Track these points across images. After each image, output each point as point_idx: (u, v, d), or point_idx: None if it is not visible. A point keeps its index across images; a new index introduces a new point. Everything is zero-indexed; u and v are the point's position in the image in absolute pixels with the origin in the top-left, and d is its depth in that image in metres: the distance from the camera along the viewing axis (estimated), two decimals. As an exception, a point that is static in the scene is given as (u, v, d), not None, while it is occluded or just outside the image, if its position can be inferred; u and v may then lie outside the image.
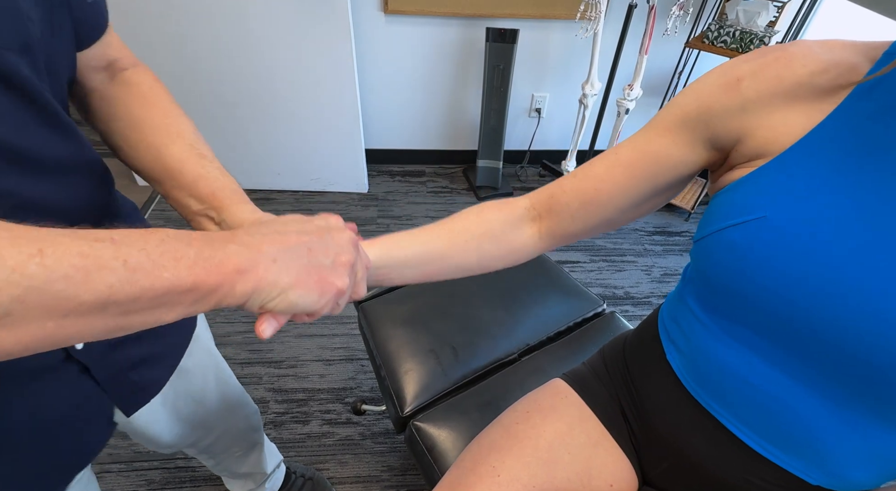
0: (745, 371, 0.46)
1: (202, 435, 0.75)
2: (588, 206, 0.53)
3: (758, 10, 1.62)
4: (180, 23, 1.56)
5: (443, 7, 1.77)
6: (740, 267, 0.42)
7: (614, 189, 0.51)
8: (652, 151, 0.49)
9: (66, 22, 0.41)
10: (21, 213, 0.31)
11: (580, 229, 0.55)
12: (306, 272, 0.36)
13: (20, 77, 0.35)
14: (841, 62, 0.39)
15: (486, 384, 0.84)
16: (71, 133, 0.41)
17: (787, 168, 0.41)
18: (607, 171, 0.52)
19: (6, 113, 0.34)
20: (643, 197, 0.51)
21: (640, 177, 0.50)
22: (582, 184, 0.53)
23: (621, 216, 0.54)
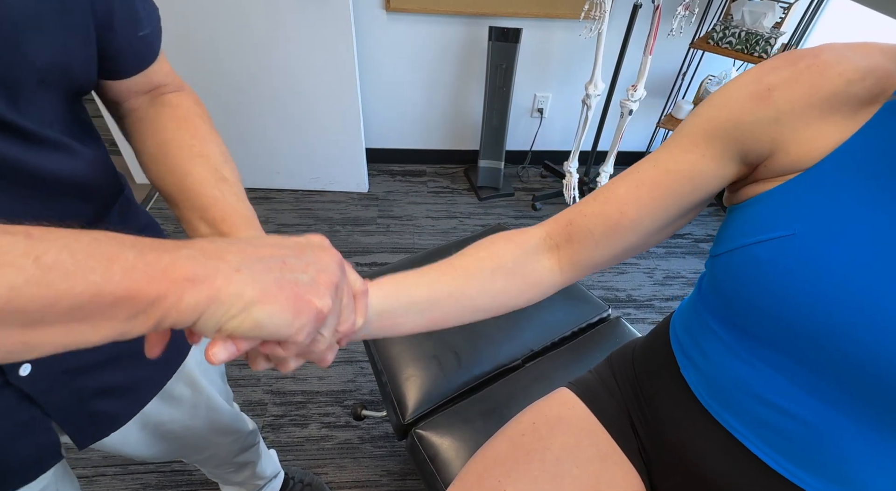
0: (768, 391, 0.44)
1: (189, 453, 0.74)
2: (613, 231, 0.48)
3: (763, 11, 1.60)
4: (181, 20, 1.53)
5: (445, 5, 1.75)
6: (766, 285, 0.40)
7: (640, 211, 0.46)
8: (679, 169, 0.45)
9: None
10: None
11: (604, 258, 0.50)
12: (277, 286, 0.29)
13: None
14: (877, 69, 0.37)
15: (490, 391, 0.82)
16: (52, 150, 0.38)
17: (817, 183, 0.38)
18: (631, 192, 0.47)
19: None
20: (669, 219, 0.47)
21: (667, 196, 0.46)
22: (604, 207, 0.48)
23: (645, 241, 0.49)
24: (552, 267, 0.51)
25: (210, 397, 0.70)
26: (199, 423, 0.69)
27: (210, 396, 0.70)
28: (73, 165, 0.41)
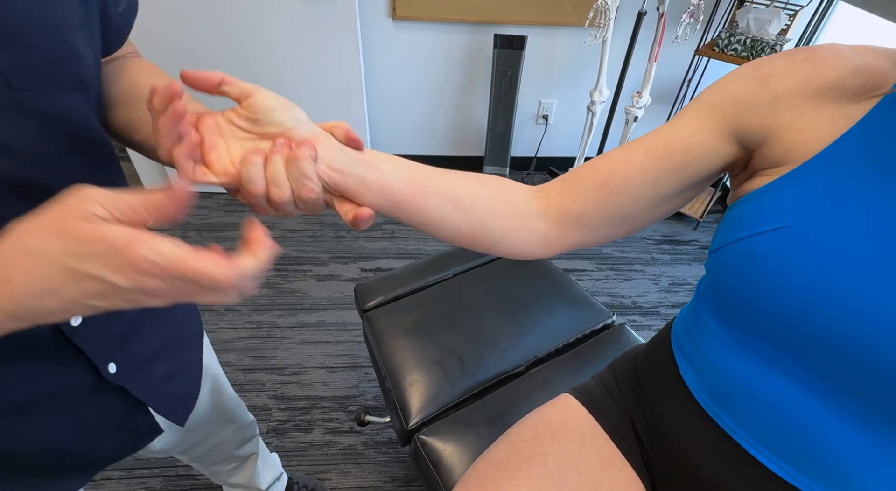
0: (764, 388, 0.44)
1: (193, 444, 0.74)
2: (603, 187, 0.47)
3: (769, 18, 1.60)
4: (190, 27, 1.56)
5: (451, 13, 1.76)
6: (760, 278, 0.40)
7: (631, 170, 0.46)
8: (676, 137, 0.45)
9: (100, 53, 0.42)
10: None
11: (592, 216, 0.48)
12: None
13: (75, 117, 0.36)
14: (872, 68, 0.38)
15: (493, 397, 0.82)
16: (116, 171, 0.42)
17: (811, 177, 0.39)
18: (625, 153, 0.47)
19: (62, 157, 0.35)
20: (663, 189, 0.46)
21: (661, 162, 0.45)
22: (597, 164, 0.48)
23: (640, 211, 0.48)
24: (538, 211, 0.49)
25: (217, 377, 0.74)
26: (203, 406, 0.70)
27: (217, 375, 0.74)
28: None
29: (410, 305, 0.98)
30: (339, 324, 1.57)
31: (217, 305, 1.57)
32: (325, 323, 1.57)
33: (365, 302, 1.01)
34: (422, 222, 0.45)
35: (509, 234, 0.48)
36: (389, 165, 0.43)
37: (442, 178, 0.45)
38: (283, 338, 1.51)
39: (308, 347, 1.49)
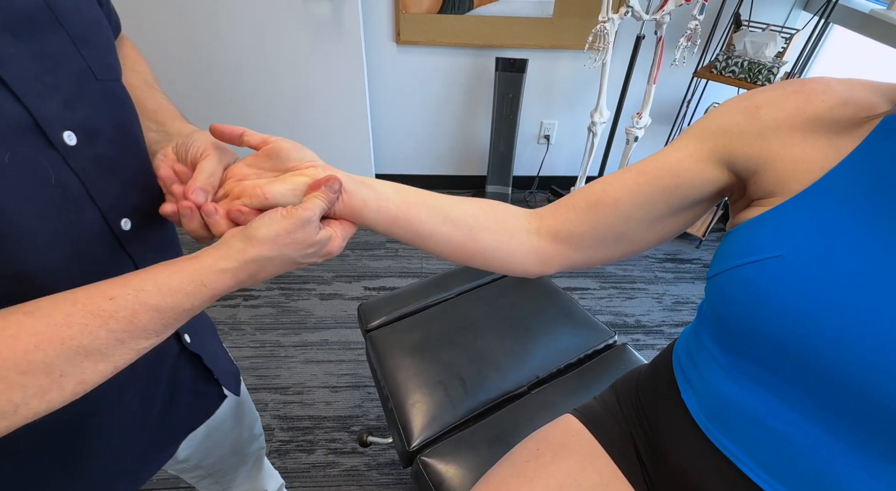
0: (763, 413, 0.44)
1: (214, 444, 0.74)
2: (594, 207, 0.50)
3: (765, 42, 1.63)
4: (198, 51, 1.61)
5: (453, 37, 1.81)
6: (755, 305, 0.41)
7: (622, 191, 0.48)
8: (666, 161, 0.47)
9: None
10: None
11: (584, 235, 0.50)
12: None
13: (128, 101, 0.43)
14: (860, 100, 0.39)
15: (496, 418, 0.82)
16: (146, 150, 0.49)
17: (805, 207, 0.40)
18: (617, 175, 0.50)
19: (119, 131, 0.42)
20: (655, 211, 0.48)
21: (651, 185, 0.47)
22: (589, 187, 0.51)
23: (633, 231, 0.50)
24: (530, 228, 0.52)
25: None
26: (227, 401, 0.72)
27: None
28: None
29: (413, 324, 0.99)
30: (343, 343, 1.57)
31: (229, 319, 1.58)
32: (328, 342, 1.57)
33: (368, 322, 1.02)
34: (416, 236, 0.49)
35: (501, 248, 0.51)
36: (384, 186, 0.48)
37: (431, 196, 0.50)
38: (286, 357, 1.51)
39: (311, 366, 1.49)
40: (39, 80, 0.34)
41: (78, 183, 0.37)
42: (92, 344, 0.32)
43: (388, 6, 1.74)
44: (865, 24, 1.53)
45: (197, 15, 1.54)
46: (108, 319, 0.32)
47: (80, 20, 0.38)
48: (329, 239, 0.43)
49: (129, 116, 0.43)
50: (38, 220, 0.34)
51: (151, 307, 0.34)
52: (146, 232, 0.46)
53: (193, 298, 0.36)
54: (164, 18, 1.54)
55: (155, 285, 0.35)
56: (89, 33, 0.38)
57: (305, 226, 0.40)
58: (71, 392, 0.32)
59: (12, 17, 0.32)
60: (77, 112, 0.37)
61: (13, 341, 0.29)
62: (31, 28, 0.34)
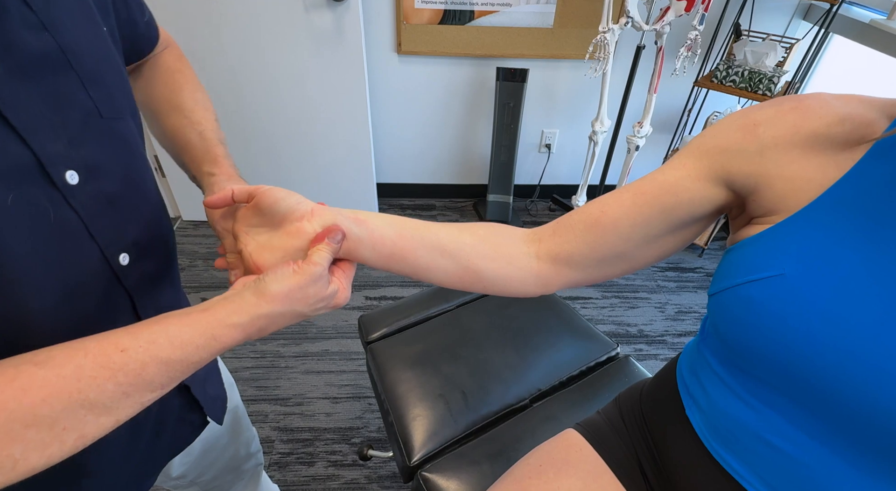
0: (768, 432, 0.44)
1: (209, 463, 0.74)
2: (593, 228, 0.49)
3: (766, 51, 1.64)
4: (200, 60, 1.62)
5: (454, 48, 1.82)
6: (757, 323, 0.41)
7: (620, 211, 0.48)
8: (664, 181, 0.47)
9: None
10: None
11: (583, 256, 0.50)
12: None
13: (134, 138, 0.43)
14: (858, 116, 0.39)
15: (497, 432, 0.81)
16: (155, 184, 0.49)
17: (805, 225, 0.40)
18: (615, 196, 0.50)
19: (135, 173, 0.43)
20: (655, 230, 0.48)
21: (649, 205, 0.47)
22: (588, 208, 0.51)
23: (632, 250, 0.50)
24: (528, 252, 0.52)
25: (231, 385, 0.75)
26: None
27: (231, 384, 0.75)
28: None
29: (414, 336, 0.98)
30: (343, 353, 1.56)
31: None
32: (328, 352, 1.56)
33: (368, 333, 1.01)
34: (414, 271, 0.50)
35: (500, 275, 0.51)
36: (378, 221, 0.48)
37: (427, 229, 0.50)
38: (286, 368, 1.51)
39: (312, 376, 1.48)
40: (46, 120, 0.35)
41: (77, 220, 0.37)
42: (98, 397, 0.31)
43: (390, 17, 1.75)
44: (866, 33, 1.53)
45: (199, 25, 1.55)
46: (118, 371, 0.32)
47: (91, 60, 0.39)
48: (336, 292, 0.44)
49: (133, 152, 0.44)
50: (35, 258, 0.34)
51: (161, 360, 0.34)
52: (144, 266, 0.46)
53: (203, 351, 0.36)
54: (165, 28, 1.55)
55: (167, 338, 0.34)
56: (98, 73, 0.39)
57: (317, 281, 0.41)
58: (71, 447, 0.31)
59: (26, 60, 0.33)
60: (81, 150, 0.38)
61: (22, 394, 0.29)
62: (42, 70, 0.34)
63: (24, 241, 0.33)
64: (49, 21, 0.35)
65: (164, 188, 2.03)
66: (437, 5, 1.72)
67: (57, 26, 0.36)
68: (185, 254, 1.90)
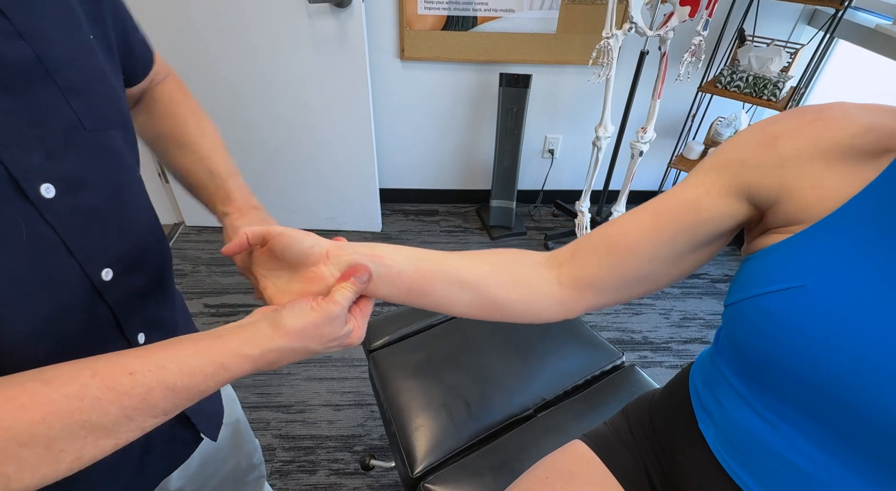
0: (784, 448, 0.43)
1: (208, 476, 0.73)
2: (614, 251, 0.48)
3: (770, 57, 1.63)
4: (203, 67, 1.62)
5: (457, 54, 1.82)
6: (777, 336, 0.40)
7: (642, 234, 0.47)
8: (685, 200, 0.46)
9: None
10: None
11: (606, 279, 0.49)
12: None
13: (121, 150, 0.42)
14: (882, 126, 0.38)
15: (501, 443, 0.80)
16: (145, 196, 0.48)
17: (826, 236, 0.39)
18: (636, 217, 0.49)
19: (107, 180, 0.41)
20: (675, 250, 0.47)
21: (671, 225, 0.46)
22: (608, 229, 0.50)
23: (655, 270, 0.49)
24: (550, 278, 0.51)
25: (232, 398, 0.74)
26: (223, 431, 0.70)
27: (231, 397, 0.74)
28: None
29: (417, 344, 0.97)
30: (346, 360, 1.55)
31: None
32: (331, 359, 1.55)
33: (371, 341, 1.00)
34: (434, 304, 0.49)
35: (522, 303, 0.50)
36: (396, 256, 0.47)
37: (444, 261, 0.49)
38: (288, 374, 1.50)
39: (314, 383, 1.47)
40: (22, 133, 0.34)
41: (53, 235, 0.36)
42: (100, 419, 0.31)
43: (393, 23, 1.75)
44: (871, 38, 1.52)
45: (201, 31, 1.56)
46: (123, 395, 0.32)
47: (73, 70, 0.38)
48: (351, 331, 0.43)
49: (119, 164, 0.43)
50: (8, 276, 0.33)
51: (168, 386, 0.33)
52: (131, 281, 0.44)
53: (210, 380, 0.36)
54: (167, 35, 1.56)
55: (177, 364, 0.34)
56: (81, 83, 0.38)
57: (334, 321, 0.41)
58: (66, 468, 0.31)
59: (1, 72, 0.32)
60: (60, 163, 0.36)
61: (22, 412, 0.28)
62: (19, 82, 0.34)
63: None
64: (26, 30, 0.34)
65: (166, 194, 2.03)
66: (440, 11, 1.73)
67: (35, 35, 0.35)
68: (188, 259, 1.90)
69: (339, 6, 1.50)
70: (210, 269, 1.87)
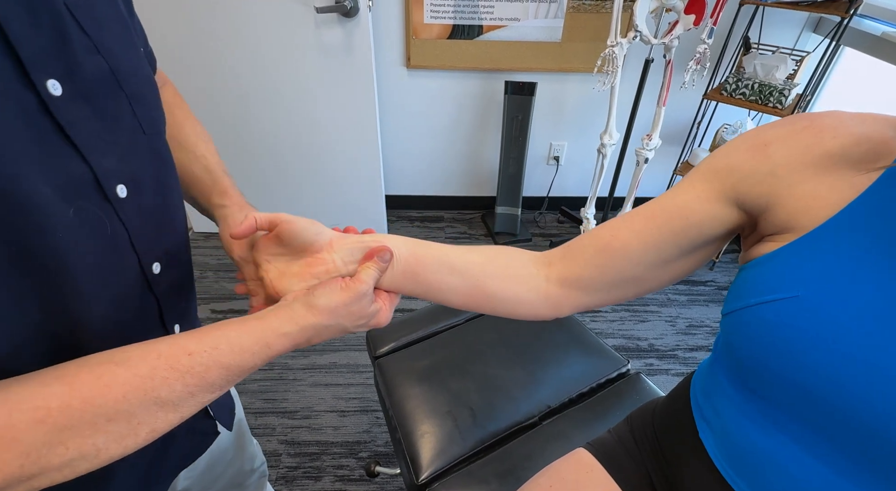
0: (781, 456, 0.43)
1: (212, 479, 0.73)
2: (603, 252, 0.49)
3: (776, 64, 1.63)
4: (209, 75, 1.65)
5: (463, 62, 1.83)
6: (773, 345, 0.40)
7: (631, 236, 0.48)
8: (674, 205, 0.47)
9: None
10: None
11: (594, 279, 0.50)
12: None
13: (169, 152, 0.47)
14: (874, 136, 0.38)
15: (506, 450, 0.80)
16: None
17: (819, 246, 0.39)
18: (626, 220, 0.50)
19: (158, 180, 0.45)
20: (665, 254, 0.48)
21: (660, 229, 0.47)
22: (599, 231, 0.51)
23: (645, 273, 0.49)
24: (538, 274, 0.52)
25: (235, 397, 0.75)
26: (227, 433, 0.71)
27: (234, 397, 0.75)
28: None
29: (422, 351, 0.98)
30: (351, 366, 1.56)
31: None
32: (336, 365, 1.56)
33: (376, 348, 1.01)
34: (426, 289, 0.51)
35: (510, 295, 0.51)
36: (395, 241, 0.49)
37: (439, 248, 0.51)
38: (294, 380, 1.51)
39: (319, 389, 1.48)
40: (101, 138, 0.37)
41: (124, 232, 0.40)
42: (168, 396, 0.34)
43: (399, 32, 1.77)
44: (877, 46, 1.52)
45: (211, 40, 1.58)
46: (185, 373, 0.35)
47: (136, 81, 0.42)
48: (378, 311, 0.47)
49: (167, 165, 0.47)
50: (91, 269, 0.36)
51: (222, 365, 0.37)
52: (170, 274, 0.48)
53: (256, 357, 0.39)
54: (178, 45, 1.58)
55: (227, 344, 0.38)
56: (141, 93, 0.42)
57: (361, 299, 0.44)
58: (143, 439, 0.34)
59: (85, 85, 0.36)
60: (129, 165, 0.40)
61: (107, 390, 0.32)
62: (97, 92, 0.37)
63: (85, 253, 0.35)
64: (102, 45, 0.37)
65: (175, 200, 2.05)
66: (446, 20, 1.74)
67: (108, 50, 0.38)
68: (196, 265, 1.92)
69: (347, 16, 1.52)
70: (218, 274, 1.88)
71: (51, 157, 0.33)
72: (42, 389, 0.31)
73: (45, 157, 0.32)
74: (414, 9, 1.71)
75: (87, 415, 0.31)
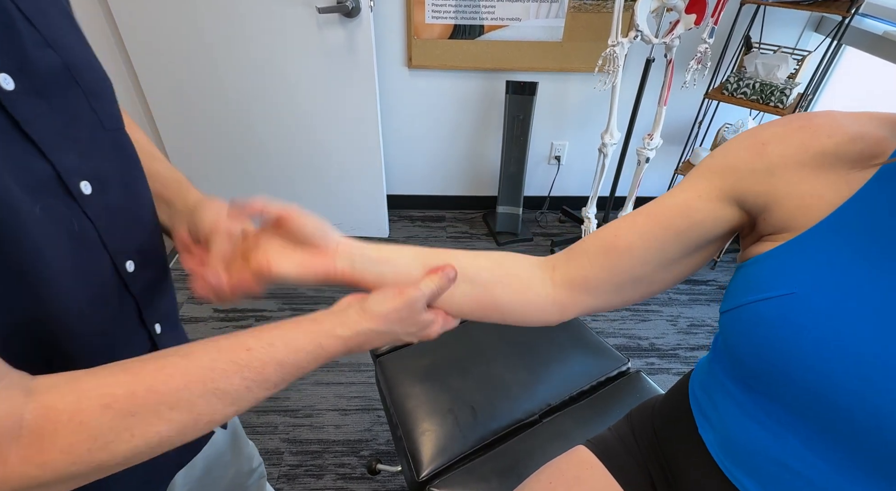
0: (781, 452, 0.43)
1: (210, 483, 0.74)
2: (606, 252, 0.49)
3: (777, 64, 1.63)
4: (212, 76, 1.65)
5: (464, 62, 1.84)
6: (770, 342, 0.40)
7: (633, 235, 0.48)
8: (675, 204, 0.47)
9: None
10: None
11: (598, 280, 0.50)
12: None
13: (132, 149, 0.46)
14: (869, 135, 0.38)
15: (506, 448, 0.81)
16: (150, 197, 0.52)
17: (816, 244, 0.39)
18: (628, 220, 0.50)
19: (124, 177, 0.44)
20: (668, 254, 0.48)
21: (662, 228, 0.47)
22: (601, 232, 0.51)
23: (649, 274, 0.49)
24: (544, 278, 0.52)
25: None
26: (223, 435, 0.71)
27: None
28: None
29: (423, 349, 0.98)
30: (353, 365, 1.56)
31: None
32: (338, 364, 1.56)
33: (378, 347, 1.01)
34: (438, 300, 0.50)
35: (518, 302, 0.51)
36: (405, 257, 0.49)
37: (448, 256, 0.51)
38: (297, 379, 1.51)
39: (321, 388, 1.49)
40: (61, 134, 0.37)
41: (92, 229, 0.39)
42: (226, 389, 0.36)
43: (401, 32, 1.77)
44: (879, 45, 1.52)
45: (213, 41, 1.59)
46: (244, 368, 0.36)
47: (90, 75, 0.41)
48: (431, 322, 0.48)
49: (133, 162, 0.46)
50: (63, 265, 0.36)
51: (278, 362, 0.38)
52: (145, 272, 0.47)
53: (310, 356, 0.40)
54: (179, 46, 1.59)
55: (283, 342, 0.39)
56: (97, 87, 0.41)
57: (414, 306, 0.44)
58: (202, 429, 0.35)
59: (38, 80, 0.35)
60: (90, 162, 0.40)
61: (169, 379, 0.33)
62: (52, 86, 0.37)
63: (54, 247, 0.35)
64: (52, 39, 0.37)
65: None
66: (447, 20, 1.75)
67: (59, 44, 0.37)
68: (197, 265, 1.92)
69: (348, 16, 1.53)
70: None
71: (11, 154, 0.33)
72: (109, 378, 0.32)
73: (6, 154, 0.32)
74: (415, 9, 1.71)
75: (151, 402, 0.32)
